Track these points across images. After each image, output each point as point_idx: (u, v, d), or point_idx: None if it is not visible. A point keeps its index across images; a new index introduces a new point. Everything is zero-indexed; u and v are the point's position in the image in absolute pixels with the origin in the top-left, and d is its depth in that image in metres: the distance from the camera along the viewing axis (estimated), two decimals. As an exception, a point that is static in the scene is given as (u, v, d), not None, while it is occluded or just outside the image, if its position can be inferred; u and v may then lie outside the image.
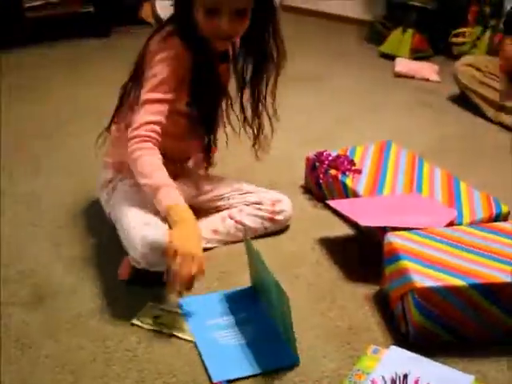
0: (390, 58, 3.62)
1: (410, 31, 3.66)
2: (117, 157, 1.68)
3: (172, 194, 1.44)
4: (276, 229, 1.80)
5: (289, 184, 2.00)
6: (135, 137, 1.49)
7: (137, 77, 1.60)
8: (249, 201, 1.78)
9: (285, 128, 2.57)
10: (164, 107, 1.52)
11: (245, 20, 1.53)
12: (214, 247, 1.72)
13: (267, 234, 1.79)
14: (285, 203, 1.80)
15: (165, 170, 1.48)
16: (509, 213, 1.80)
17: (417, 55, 3.64)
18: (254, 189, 1.83)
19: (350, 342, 1.40)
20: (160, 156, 1.50)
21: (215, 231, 1.72)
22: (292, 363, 1.33)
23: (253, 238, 1.69)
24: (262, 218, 1.76)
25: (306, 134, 2.53)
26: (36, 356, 1.33)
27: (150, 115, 1.50)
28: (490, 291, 1.34)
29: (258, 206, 1.77)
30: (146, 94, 1.52)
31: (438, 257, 1.42)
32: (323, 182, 1.96)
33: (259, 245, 1.72)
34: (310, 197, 2.03)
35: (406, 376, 1.11)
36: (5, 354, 1.33)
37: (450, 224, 1.66)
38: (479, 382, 1.26)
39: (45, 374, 1.28)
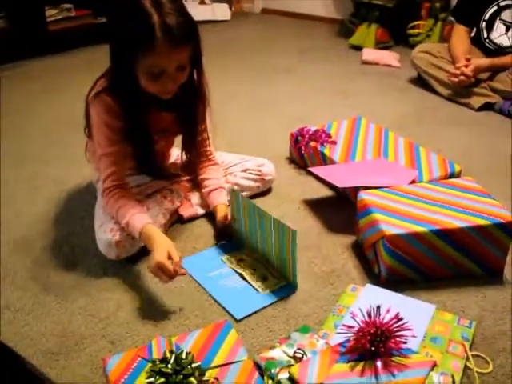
0: (358, 49, 3.59)
1: (374, 26, 3.63)
2: (94, 164, 1.65)
3: (137, 223, 1.39)
4: (266, 187, 1.80)
5: (276, 157, 1.99)
6: (104, 191, 1.47)
7: (88, 123, 1.53)
8: (236, 170, 1.76)
9: (268, 112, 2.57)
10: (116, 157, 1.46)
11: (185, 71, 1.39)
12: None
13: (259, 193, 1.79)
14: (267, 165, 1.79)
15: (130, 203, 1.44)
16: (461, 171, 1.80)
17: (380, 45, 3.61)
18: (235, 160, 1.79)
19: (333, 282, 1.40)
20: (128, 194, 1.48)
21: None
22: (293, 291, 1.37)
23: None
24: (254, 179, 1.75)
25: (287, 116, 2.50)
26: (72, 308, 1.33)
27: (107, 168, 1.46)
28: (447, 235, 1.34)
29: (247, 171, 1.76)
30: (98, 150, 1.47)
31: (402, 209, 1.42)
32: (305, 152, 1.95)
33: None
34: (295, 166, 2.02)
35: (378, 307, 1.11)
36: (46, 308, 1.33)
37: (412, 182, 1.65)
38: (439, 309, 1.27)
39: (79, 322, 1.29)
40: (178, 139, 1.66)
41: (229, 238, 1.57)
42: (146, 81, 1.36)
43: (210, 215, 1.67)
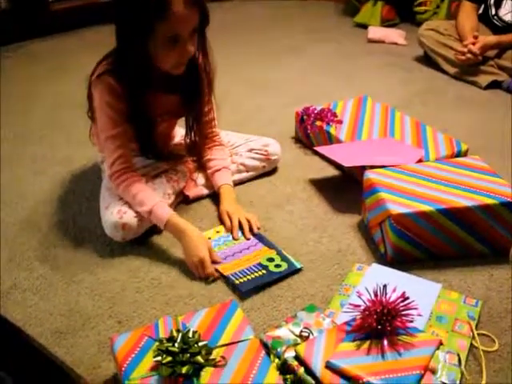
0: (364, 27, 3.54)
1: (379, 3, 3.57)
2: (100, 146, 1.64)
3: (160, 212, 1.40)
4: (271, 167, 1.80)
5: (281, 136, 1.98)
6: (113, 175, 1.46)
7: (91, 106, 1.52)
8: (242, 150, 1.75)
9: (273, 91, 2.55)
10: (121, 139, 1.45)
11: (195, 36, 1.38)
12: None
13: (264, 173, 1.79)
14: (273, 145, 1.78)
15: (147, 189, 1.45)
16: (467, 150, 1.78)
17: (386, 23, 3.55)
18: (241, 140, 1.79)
19: (339, 262, 1.40)
20: (139, 177, 1.48)
21: None
22: (297, 268, 1.37)
23: (253, 179, 1.75)
24: (260, 159, 1.75)
25: (292, 95, 2.48)
26: (79, 288, 1.34)
27: (113, 152, 1.45)
28: (453, 214, 1.33)
29: (252, 151, 1.75)
30: (102, 134, 1.47)
31: (409, 188, 1.41)
32: (311, 132, 1.94)
33: (257, 187, 1.73)
34: (301, 145, 2.01)
35: (385, 286, 1.11)
36: (53, 288, 1.34)
37: (419, 161, 1.64)
38: (446, 288, 1.27)
39: (87, 302, 1.29)
40: (183, 119, 1.65)
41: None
42: (163, 51, 1.35)
43: (215, 195, 1.67)
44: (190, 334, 1.02)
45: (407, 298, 1.08)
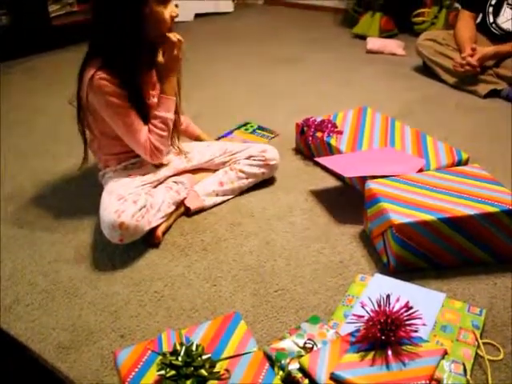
0: (362, 38, 3.57)
1: (378, 14, 3.60)
2: (103, 157, 1.66)
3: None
4: (271, 174, 1.80)
5: (282, 147, 1.98)
6: (151, 150, 1.56)
7: (81, 105, 1.60)
8: (240, 158, 1.76)
9: (273, 102, 2.56)
10: (138, 120, 1.53)
11: None
12: (223, 202, 1.71)
13: (266, 185, 1.80)
14: (271, 151, 1.79)
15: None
16: (468, 159, 1.78)
17: (385, 34, 3.59)
18: (239, 147, 1.80)
19: (342, 273, 1.40)
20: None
21: (220, 183, 1.71)
22: None
23: (254, 190, 1.76)
24: (258, 165, 1.76)
25: (292, 106, 2.49)
26: (81, 302, 1.34)
27: (140, 133, 1.53)
28: (455, 223, 1.33)
29: (251, 158, 1.76)
30: (122, 126, 1.52)
31: (410, 197, 1.41)
32: (311, 143, 1.94)
33: (259, 198, 1.73)
34: (301, 157, 2.01)
35: (388, 296, 1.10)
36: (56, 303, 1.34)
37: (420, 170, 1.64)
38: (449, 297, 1.26)
39: (89, 316, 1.29)
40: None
41: None
42: (157, 13, 1.44)
43: (216, 208, 1.68)
44: (194, 347, 1.02)
45: (411, 308, 1.08)
